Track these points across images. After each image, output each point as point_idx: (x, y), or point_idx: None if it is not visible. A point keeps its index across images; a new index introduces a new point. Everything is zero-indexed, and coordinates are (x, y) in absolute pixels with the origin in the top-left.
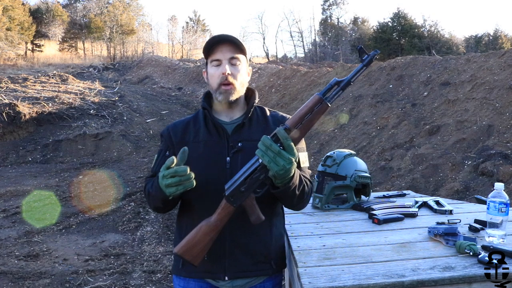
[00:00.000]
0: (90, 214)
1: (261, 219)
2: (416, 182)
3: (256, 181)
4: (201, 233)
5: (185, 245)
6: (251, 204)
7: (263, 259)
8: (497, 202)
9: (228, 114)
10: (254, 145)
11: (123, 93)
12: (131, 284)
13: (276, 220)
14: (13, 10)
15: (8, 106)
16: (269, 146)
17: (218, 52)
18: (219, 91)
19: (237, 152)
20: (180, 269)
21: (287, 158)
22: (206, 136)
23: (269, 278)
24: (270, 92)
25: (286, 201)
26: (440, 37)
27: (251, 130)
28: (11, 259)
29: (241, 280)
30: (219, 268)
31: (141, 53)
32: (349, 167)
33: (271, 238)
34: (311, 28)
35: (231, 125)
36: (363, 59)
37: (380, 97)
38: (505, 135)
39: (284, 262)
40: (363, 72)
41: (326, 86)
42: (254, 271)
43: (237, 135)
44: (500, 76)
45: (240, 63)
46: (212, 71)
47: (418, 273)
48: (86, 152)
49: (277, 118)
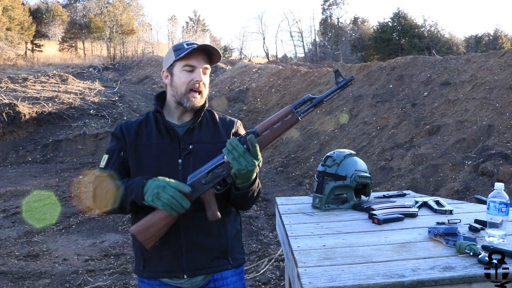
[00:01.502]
0: (90, 214)
1: (216, 216)
2: (416, 182)
3: (217, 176)
4: (157, 217)
5: (140, 225)
6: (210, 199)
7: (220, 255)
8: (497, 202)
9: (180, 117)
10: (204, 147)
11: (123, 93)
12: (131, 284)
13: (229, 218)
14: (13, 10)
15: (8, 106)
16: (235, 146)
17: (194, 59)
18: (188, 97)
19: (188, 154)
20: (142, 271)
21: (250, 160)
22: (158, 139)
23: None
24: (270, 92)
25: (239, 202)
26: (440, 37)
27: (201, 132)
28: (11, 259)
29: (200, 277)
30: (177, 267)
31: (141, 53)
32: (349, 167)
33: (226, 235)
34: (311, 28)
35: (182, 128)
36: (339, 81)
37: (380, 97)
38: (505, 135)
39: (243, 257)
40: (337, 94)
41: (299, 100)
42: (212, 267)
43: (188, 138)
44: (500, 76)
45: (208, 71)
46: (183, 75)
47: (418, 273)
48: (86, 152)
49: (226, 122)
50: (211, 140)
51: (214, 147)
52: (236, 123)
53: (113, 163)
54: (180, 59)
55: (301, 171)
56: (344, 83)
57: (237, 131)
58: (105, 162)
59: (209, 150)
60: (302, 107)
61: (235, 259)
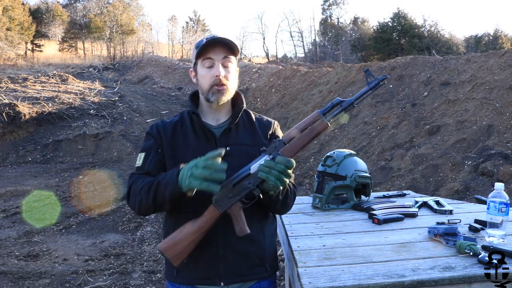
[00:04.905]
0: (90, 214)
1: (244, 232)
2: (416, 182)
3: (244, 188)
4: (183, 233)
5: (167, 241)
6: (237, 213)
7: (258, 262)
8: (497, 202)
9: (215, 116)
10: (242, 149)
11: (123, 93)
12: (131, 284)
13: (267, 223)
14: (13, 10)
15: (8, 106)
16: (273, 167)
17: (211, 52)
18: (212, 91)
19: (225, 156)
20: (175, 276)
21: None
22: (194, 141)
23: (264, 279)
24: (270, 92)
25: (275, 206)
26: (440, 37)
27: (239, 134)
28: (11, 259)
29: (237, 285)
30: (214, 273)
31: (141, 53)
32: (349, 167)
33: (265, 240)
34: (311, 28)
35: (219, 129)
36: (370, 82)
37: (380, 97)
38: (505, 135)
39: (277, 264)
40: (368, 95)
41: (328, 105)
42: (250, 275)
43: (225, 139)
44: (500, 76)
45: (232, 64)
46: (204, 72)
47: (418, 273)
48: (86, 152)
49: (263, 123)
50: (249, 142)
51: (252, 148)
52: (274, 124)
53: (150, 161)
54: (200, 56)
55: (301, 171)
56: (376, 83)
57: (274, 132)
58: (141, 161)
59: (247, 151)
60: (331, 111)
61: (272, 266)
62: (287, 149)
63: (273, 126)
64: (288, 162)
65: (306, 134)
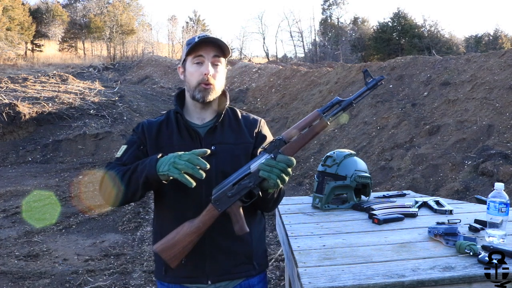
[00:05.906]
0: (90, 214)
1: (244, 230)
2: (416, 182)
3: (244, 187)
4: (181, 234)
5: (164, 243)
6: (236, 212)
7: (245, 261)
8: (497, 202)
9: (200, 116)
10: (227, 148)
11: (123, 93)
12: (131, 284)
13: (255, 222)
14: (13, 10)
15: (8, 106)
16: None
17: (202, 50)
18: (198, 88)
19: (210, 156)
20: (164, 275)
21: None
22: (179, 141)
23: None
24: (270, 92)
25: (264, 204)
26: (440, 37)
27: (224, 133)
28: (11, 259)
29: (224, 283)
30: (201, 272)
31: (141, 53)
32: (349, 167)
33: (251, 239)
34: (311, 28)
35: (204, 128)
36: (368, 82)
37: (380, 97)
38: (505, 135)
39: (266, 262)
40: (366, 95)
41: (327, 104)
42: (237, 273)
43: (210, 138)
44: (500, 76)
45: (221, 64)
46: (193, 69)
47: (418, 273)
48: (86, 152)
49: (249, 121)
50: (234, 141)
51: (237, 148)
52: (260, 122)
53: (130, 154)
54: (190, 53)
55: (301, 171)
56: (374, 83)
57: (260, 131)
58: (122, 152)
59: (232, 151)
60: (330, 111)
61: (260, 264)
62: (287, 148)
63: (259, 125)
64: (289, 161)
65: (306, 133)
